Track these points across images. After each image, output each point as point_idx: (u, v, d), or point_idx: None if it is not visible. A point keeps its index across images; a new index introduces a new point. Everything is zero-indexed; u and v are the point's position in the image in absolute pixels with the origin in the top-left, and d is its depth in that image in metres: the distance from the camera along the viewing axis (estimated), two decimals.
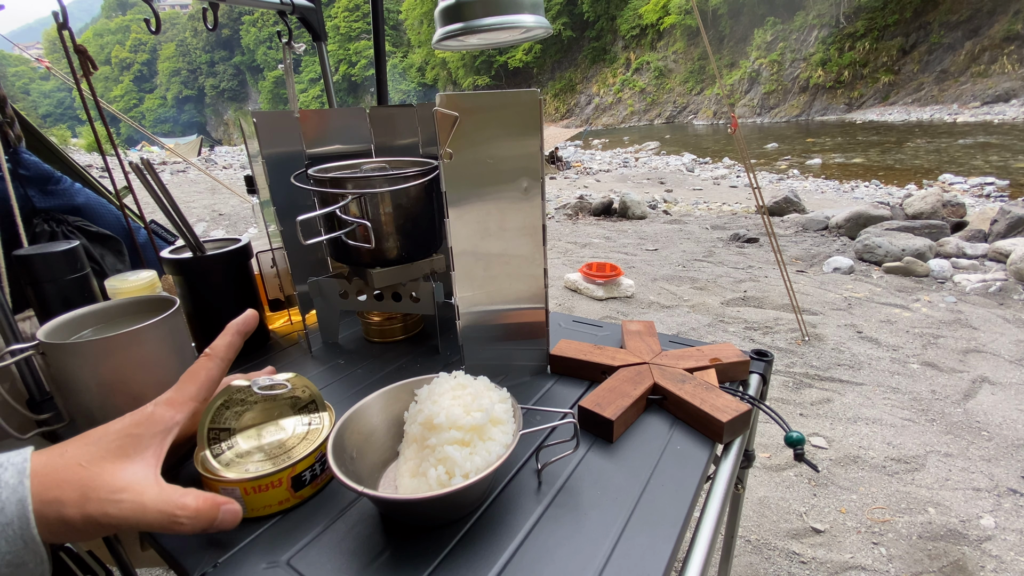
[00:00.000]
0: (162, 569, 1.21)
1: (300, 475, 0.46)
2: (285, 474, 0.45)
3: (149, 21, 0.97)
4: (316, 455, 0.47)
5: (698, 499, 0.50)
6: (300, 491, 0.47)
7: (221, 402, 0.47)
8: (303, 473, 0.46)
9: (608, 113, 31.83)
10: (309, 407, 0.51)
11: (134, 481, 0.35)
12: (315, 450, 0.47)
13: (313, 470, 0.47)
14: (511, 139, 0.59)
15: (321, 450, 0.47)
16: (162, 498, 0.35)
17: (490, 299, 0.67)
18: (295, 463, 0.45)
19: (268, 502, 0.45)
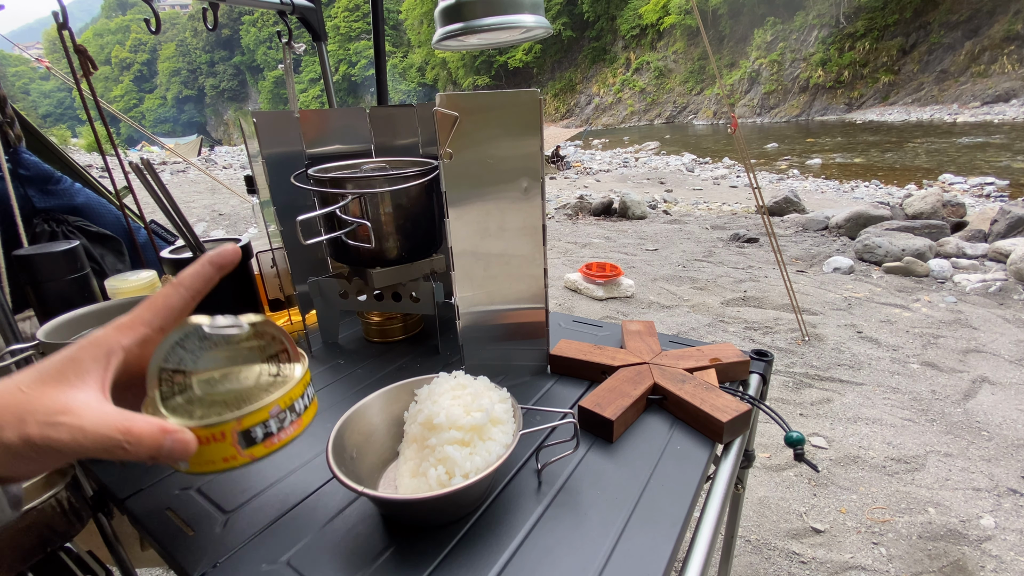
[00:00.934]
0: (162, 569, 1.21)
1: (249, 431, 0.38)
2: (229, 427, 0.37)
3: (149, 21, 0.97)
4: (271, 409, 0.39)
5: (698, 499, 0.50)
6: (250, 449, 0.39)
7: (176, 340, 0.38)
8: (253, 429, 0.38)
9: (608, 113, 31.83)
10: (280, 356, 0.43)
11: (75, 404, 0.33)
12: (270, 403, 0.39)
13: (267, 427, 0.39)
14: (511, 139, 0.59)
15: (279, 404, 0.40)
16: (104, 421, 0.32)
17: (490, 299, 0.67)
18: (242, 415, 0.38)
19: (211, 457, 0.38)
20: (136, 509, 0.52)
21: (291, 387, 0.40)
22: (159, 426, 0.33)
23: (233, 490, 0.54)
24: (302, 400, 0.41)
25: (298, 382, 0.40)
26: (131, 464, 0.59)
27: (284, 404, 0.39)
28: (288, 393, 0.39)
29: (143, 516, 0.51)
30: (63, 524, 0.57)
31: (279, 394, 0.39)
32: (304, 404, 0.41)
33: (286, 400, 0.39)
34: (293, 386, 0.40)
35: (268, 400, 0.38)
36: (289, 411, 0.39)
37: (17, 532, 0.54)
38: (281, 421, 0.40)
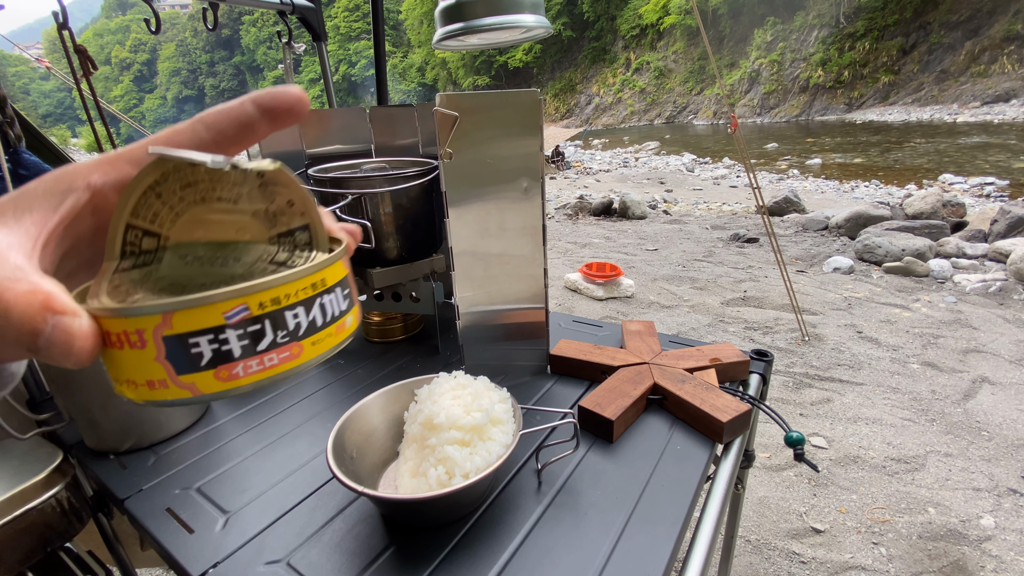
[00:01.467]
0: (162, 569, 1.21)
1: (186, 339, 0.20)
2: (149, 325, 0.20)
3: (149, 21, 0.97)
4: (230, 309, 0.21)
5: (698, 499, 0.50)
6: (187, 375, 0.21)
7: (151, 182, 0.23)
8: (193, 339, 0.20)
9: (608, 113, 31.83)
10: (297, 234, 0.26)
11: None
12: (233, 295, 0.21)
13: (220, 340, 0.20)
14: (511, 139, 0.59)
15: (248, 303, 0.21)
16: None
17: (490, 299, 0.67)
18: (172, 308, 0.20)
19: (131, 374, 0.21)
20: (136, 509, 0.52)
21: (282, 280, 0.21)
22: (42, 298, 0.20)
23: (233, 490, 0.54)
24: (307, 310, 0.22)
25: (302, 276, 0.22)
26: (132, 464, 0.59)
27: (261, 307, 0.21)
28: (273, 290, 0.21)
29: (143, 516, 0.51)
30: (63, 524, 0.57)
31: (252, 286, 0.20)
32: (312, 319, 0.22)
33: (266, 300, 0.21)
34: (287, 280, 0.21)
35: (226, 293, 0.20)
36: (271, 322, 0.21)
37: (17, 532, 0.54)
38: (252, 337, 0.21)
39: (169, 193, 0.24)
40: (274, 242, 0.26)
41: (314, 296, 0.22)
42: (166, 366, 0.20)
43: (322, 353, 0.23)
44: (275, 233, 0.26)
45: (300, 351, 0.22)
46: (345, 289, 0.24)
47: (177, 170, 0.24)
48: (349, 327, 0.24)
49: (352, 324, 0.25)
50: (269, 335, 0.21)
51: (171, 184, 0.23)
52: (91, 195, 0.23)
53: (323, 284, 0.23)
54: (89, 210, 0.23)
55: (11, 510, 0.54)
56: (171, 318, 0.20)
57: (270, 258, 0.25)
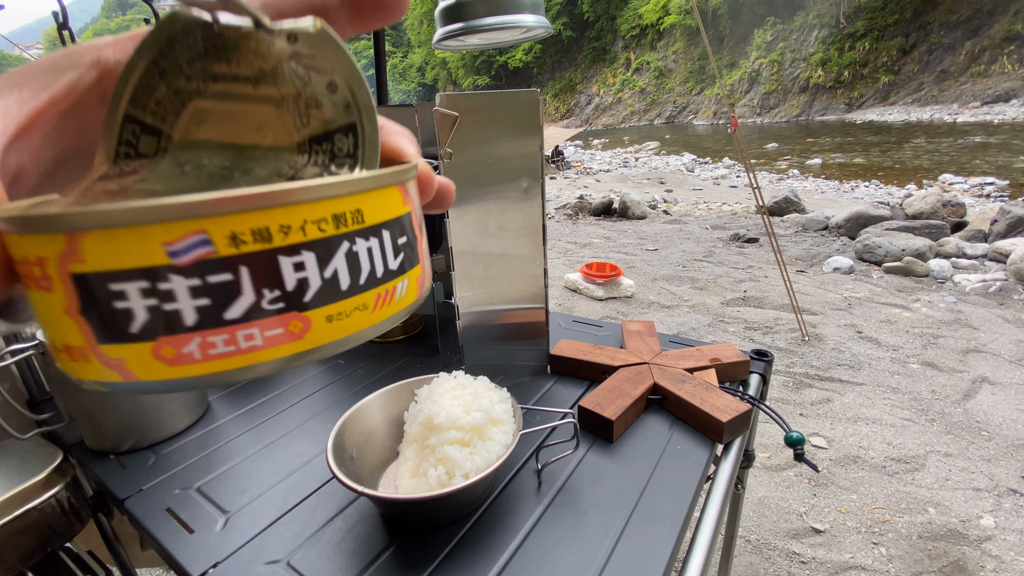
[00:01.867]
0: (162, 569, 1.21)
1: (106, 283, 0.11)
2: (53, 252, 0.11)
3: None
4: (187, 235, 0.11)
5: (698, 499, 0.50)
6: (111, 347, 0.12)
7: (152, 55, 0.16)
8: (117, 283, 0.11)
9: (608, 113, 31.84)
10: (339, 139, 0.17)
11: None
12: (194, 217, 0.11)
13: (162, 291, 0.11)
14: (511, 139, 0.59)
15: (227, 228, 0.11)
16: None
17: (490, 299, 0.67)
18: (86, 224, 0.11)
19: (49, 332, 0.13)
20: (136, 509, 0.52)
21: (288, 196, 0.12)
22: None
23: (233, 490, 0.54)
24: (324, 255, 0.13)
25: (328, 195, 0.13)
26: (132, 464, 0.59)
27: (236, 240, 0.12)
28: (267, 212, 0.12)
29: (143, 516, 0.51)
30: (63, 524, 0.57)
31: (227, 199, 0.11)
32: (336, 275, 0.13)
33: (251, 227, 0.12)
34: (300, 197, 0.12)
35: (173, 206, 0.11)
36: (251, 269, 0.12)
37: (17, 532, 0.54)
38: (218, 293, 0.12)
39: (174, 70, 0.17)
40: (304, 149, 0.17)
41: (338, 236, 0.13)
42: (82, 326, 0.12)
43: (345, 337, 0.14)
44: (306, 135, 0.17)
45: (304, 328, 0.13)
46: (402, 236, 0.15)
47: (186, 33, 0.16)
48: (403, 297, 0.15)
49: (409, 293, 0.16)
50: (247, 294, 0.12)
51: (178, 55, 0.16)
52: (100, 75, 0.17)
53: (359, 218, 0.14)
54: (97, 95, 0.17)
55: (11, 510, 0.54)
56: (80, 243, 0.11)
57: (294, 173, 0.17)
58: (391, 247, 0.15)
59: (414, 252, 0.16)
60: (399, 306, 0.15)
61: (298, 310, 0.13)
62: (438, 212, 0.20)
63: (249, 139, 0.17)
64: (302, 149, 0.17)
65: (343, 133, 0.17)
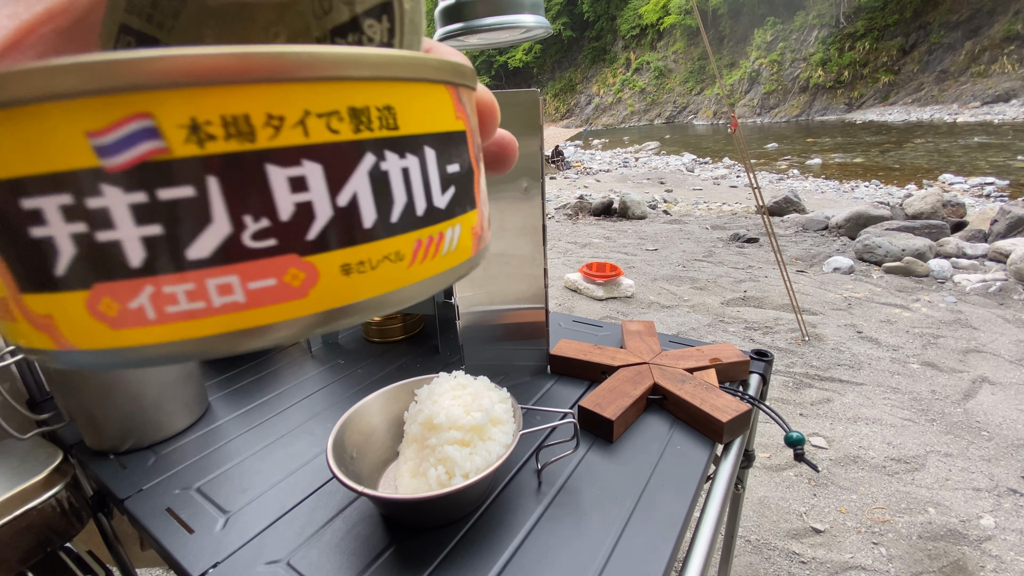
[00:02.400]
0: (162, 569, 1.21)
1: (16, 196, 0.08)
2: None
3: None
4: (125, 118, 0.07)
5: (698, 499, 0.50)
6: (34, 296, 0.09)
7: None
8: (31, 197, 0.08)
9: (608, 113, 31.84)
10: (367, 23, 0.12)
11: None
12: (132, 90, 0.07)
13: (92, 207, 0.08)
14: None
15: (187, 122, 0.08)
16: None
17: (490, 299, 0.67)
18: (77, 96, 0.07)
19: None
20: (136, 509, 0.52)
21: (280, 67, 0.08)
22: None
23: (233, 490, 0.54)
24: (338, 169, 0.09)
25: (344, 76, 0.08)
26: (132, 464, 0.59)
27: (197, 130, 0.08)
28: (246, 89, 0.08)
29: (143, 516, 0.51)
30: (63, 524, 0.57)
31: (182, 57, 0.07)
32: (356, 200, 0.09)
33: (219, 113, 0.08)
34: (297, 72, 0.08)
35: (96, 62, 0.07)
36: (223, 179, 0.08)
37: (17, 532, 0.54)
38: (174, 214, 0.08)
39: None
40: (326, 41, 0.13)
41: (359, 143, 0.09)
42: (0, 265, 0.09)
43: (368, 299, 0.10)
44: (328, 26, 0.13)
45: (308, 281, 0.09)
46: (453, 163, 0.11)
47: None
48: (454, 249, 0.11)
49: (462, 246, 0.12)
50: (220, 220, 0.08)
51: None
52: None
53: (389, 121, 0.09)
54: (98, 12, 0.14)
55: (11, 510, 0.54)
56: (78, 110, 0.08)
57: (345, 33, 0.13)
58: (437, 175, 0.10)
59: (470, 190, 0.12)
60: (448, 262, 0.11)
61: (299, 252, 0.09)
62: (498, 174, 0.15)
63: (258, 40, 0.13)
64: (324, 40, 0.13)
65: (375, 16, 0.12)
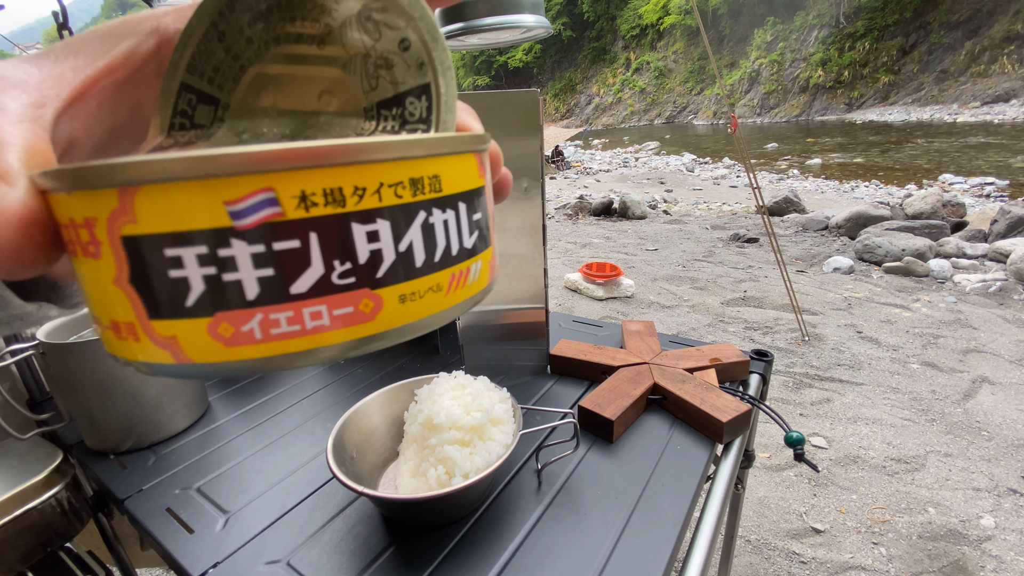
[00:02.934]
0: (162, 569, 1.21)
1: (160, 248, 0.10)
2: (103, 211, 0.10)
3: None
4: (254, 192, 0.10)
5: (698, 499, 0.50)
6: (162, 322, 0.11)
7: (216, 14, 0.16)
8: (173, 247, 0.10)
9: (608, 113, 31.84)
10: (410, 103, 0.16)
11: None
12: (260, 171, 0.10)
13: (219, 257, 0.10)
14: (511, 139, 0.59)
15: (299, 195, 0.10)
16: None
17: (490, 299, 0.67)
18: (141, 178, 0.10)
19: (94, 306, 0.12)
20: (136, 509, 0.52)
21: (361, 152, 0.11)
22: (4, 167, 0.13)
23: (233, 490, 0.54)
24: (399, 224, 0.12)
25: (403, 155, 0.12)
26: (132, 464, 0.59)
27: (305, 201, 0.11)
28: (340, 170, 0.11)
29: (143, 516, 0.51)
30: (63, 524, 0.57)
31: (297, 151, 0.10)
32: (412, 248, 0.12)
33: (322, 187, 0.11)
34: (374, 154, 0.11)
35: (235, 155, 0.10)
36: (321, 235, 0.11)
37: (17, 532, 0.54)
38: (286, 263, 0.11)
39: (234, 32, 0.15)
40: (371, 115, 0.15)
41: (415, 204, 0.12)
42: (132, 298, 0.11)
43: (417, 321, 0.12)
44: (375, 100, 0.15)
45: (376, 308, 0.12)
46: (476, 212, 0.14)
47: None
48: (477, 280, 0.14)
49: (482, 276, 0.14)
50: (316, 265, 0.11)
51: (239, 16, 0.15)
52: (158, 43, 0.16)
53: (437, 185, 0.12)
54: (155, 65, 0.16)
55: (11, 510, 0.54)
56: (132, 199, 0.10)
57: (375, 125, 0.16)
58: (467, 223, 0.14)
59: (487, 232, 0.15)
60: (472, 290, 0.14)
61: (371, 287, 0.12)
62: (495, 203, 0.18)
63: (312, 106, 0.16)
64: (369, 115, 0.16)
65: (415, 96, 0.15)
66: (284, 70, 0.16)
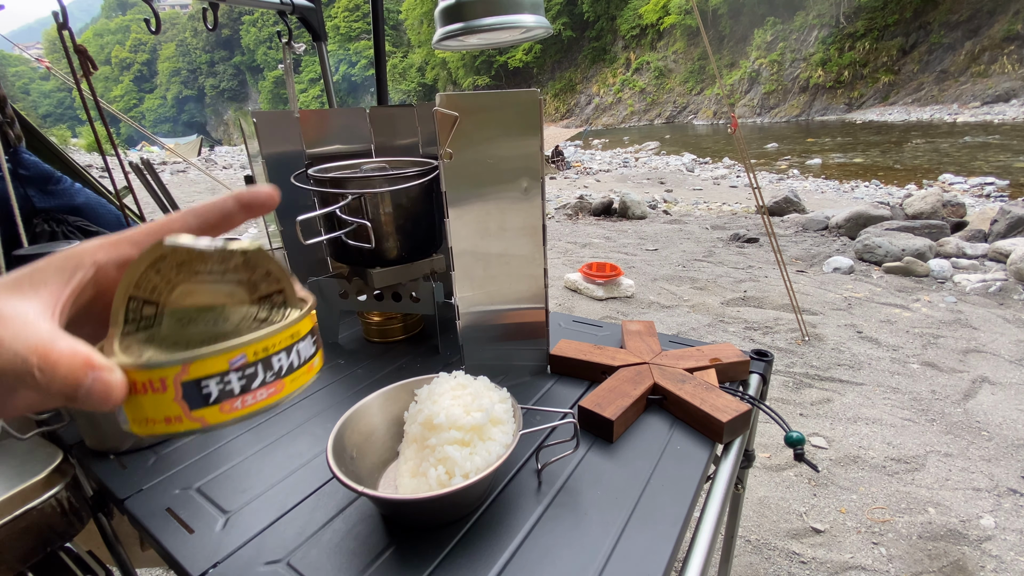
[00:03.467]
0: (162, 569, 1.21)
1: (199, 384, 0.27)
2: (171, 374, 0.27)
3: (149, 21, 0.97)
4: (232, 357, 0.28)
5: (698, 499, 0.50)
6: (201, 410, 0.28)
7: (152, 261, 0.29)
8: (204, 382, 0.27)
9: (608, 113, 31.84)
10: (274, 297, 0.34)
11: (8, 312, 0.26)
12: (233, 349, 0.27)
13: (225, 382, 0.28)
14: (511, 139, 0.59)
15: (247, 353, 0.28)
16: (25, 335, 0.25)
17: (490, 299, 0.67)
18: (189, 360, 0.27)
19: (150, 413, 0.28)
20: (136, 509, 0.52)
21: (270, 333, 0.28)
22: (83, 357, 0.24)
23: (233, 490, 0.54)
24: (287, 355, 0.29)
25: (283, 329, 0.28)
26: (132, 464, 0.59)
27: (255, 355, 0.27)
28: (264, 341, 0.27)
29: (143, 516, 0.51)
30: (63, 524, 0.57)
31: (248, 339, 0.27)
32: (291, 362, 0.29)
33: (259, 349, 0.27)
34: (274, 333, 0.28)
35: (230, 345, 0.26)
36: (262, 366, 0.27)
37: (17, 532, 0.54)
38: (248, 378, 0.27)
39: (167, 270, 0.29)
40: (255, 303, 0.33)
41: (292, 344, 0.29)
42: (182, 405, 0.26)
43: (299, 388, 0.30)
44: (256, 296, 0.33)
45: (282, 387, 0.29)
46: (314, 336, 0.31)
47: (175, 252, 0.29)
48: (317, 366, 0.31)
49: (319, 364, 0.32)
50: (260, 375, 0.27)
51: (169, 263, 0.29)
52: (95, 271, 0.28)
53: (298, 334, 0.29)
54: (92, 283, 0.28)
55: (11, 510, 0.54)
56: (189, 367, 0.26)
57: (253, 316, 0.32)
58: (311, 343, 0.30)
59: (318, 344, 0.31)
60: (316, 370, 0.31)
61: (280, 379, 0.28)
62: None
63: (223, 301, 0.31)
64: (254, 302, 0.32)
65: (276, 293, 0.32)
66: (200, 286, 0.30)
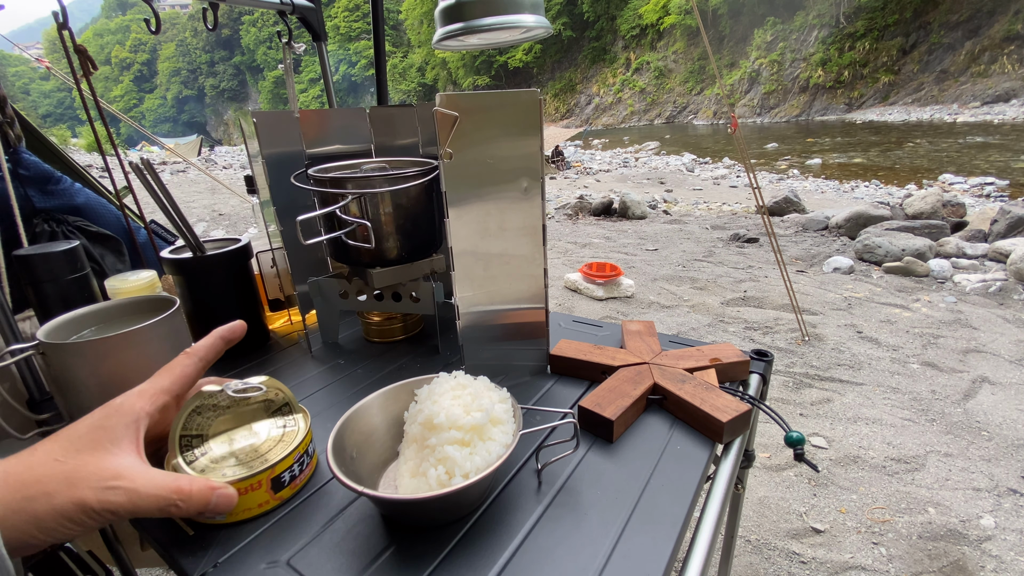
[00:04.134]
0: (162, 569, 1.21)
1: (279, 476, 0.46)
2: (264, 476, 0.45)
3: (149, 21, 0.97)
4: (294, 456, 0.48)
5: (698, 499, 0.50)
6: (280, 492, 0.47)
7: (192, 408, 0.46)
8: (282, 475, 0.47)
9: (608, 113, 31.85)
10: (283, 410, 0.51)
11: (124, 468, 0.35)
12: (292, 451, 0.47)
13: (292, 471, 0.48)
14: (511, 139, 0.59)
15: (299, 451, 0.48)
16: (156, 483, 0.35)
17: (490, 299, 0.67)
18: (273, 465, 0.45)
19: (248, 505, 0.45)
20: None
21: (305, 435, 0.49)
22: (206, 484, 0.38)
23: None
24: (312, 444, 0.52)
25: (308, 431, 0.50)
26: None
27: (303, 449, 0.49)
28: (304, 440, 0.49)
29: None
30: None
31: (297, 443, 0.48)
32: (314, 447, 0.53)
33: (304, 446, 0.49)
34: (306, 434, 0.50)
35: (290, 449, 0.47)
36: (306, 455, 0.50)
37: None
38: (302, 464, 0.49)
39: (206, 410, 0.47)
40: (272, 415, 0.51)
41: (300, 456, 0.49)
42: (269, 493, 0.47)
43: (315, 466, 0.53)
44: (272, 410, 0.51)
45: (313, 464, 0.53)
46: (311, 445, 0.52)
47: (209, 397, 0.47)
48: (316, 466, 0.54)
49: (315, 457, 0.54)
50: (306, 460, 0.50)
51: (206, 406, 0.47)
52: (148, 416, 0.40)
53: (305, 446, 0.50)
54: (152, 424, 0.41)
55: None
56: (275, 468, 0.46)
57: (276, 425, 0.50)
58: (310, 453, 0.52)
59: (314, 450, 0.54)
60: (311, 469, 0.53)
61: (311, 459, 0.53)
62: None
63: (250, 420, 0.50)
64: (270, 415, 0.51)
65: (285, 406, 0.52)
66: (233, 414, 0.49)
